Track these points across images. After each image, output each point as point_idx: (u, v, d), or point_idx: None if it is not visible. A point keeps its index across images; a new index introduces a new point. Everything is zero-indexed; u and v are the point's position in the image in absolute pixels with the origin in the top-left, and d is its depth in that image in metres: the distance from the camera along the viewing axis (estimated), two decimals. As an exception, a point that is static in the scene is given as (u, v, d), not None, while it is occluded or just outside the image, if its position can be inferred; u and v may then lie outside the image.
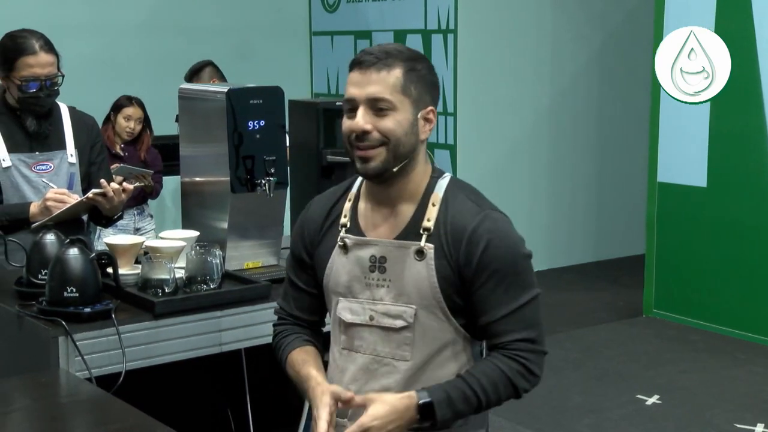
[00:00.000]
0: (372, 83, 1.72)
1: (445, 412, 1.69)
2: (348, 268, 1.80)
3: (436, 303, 1.74)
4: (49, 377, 2.10)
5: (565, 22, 6.69)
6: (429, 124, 1.77)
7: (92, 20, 6.17)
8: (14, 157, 2.86)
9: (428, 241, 1.74)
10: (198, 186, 2.78)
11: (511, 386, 1.74)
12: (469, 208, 1.75)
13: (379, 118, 1.72)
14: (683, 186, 5.35)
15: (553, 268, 6.83)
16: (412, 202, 1.78)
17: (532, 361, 1.76)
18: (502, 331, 1.74)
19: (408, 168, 1.76)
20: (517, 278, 1.73)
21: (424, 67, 1.76)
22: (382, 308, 1.77)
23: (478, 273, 1.72)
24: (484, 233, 1.72)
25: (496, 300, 1.72)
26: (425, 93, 1.76)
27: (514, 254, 1.74)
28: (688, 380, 4.54)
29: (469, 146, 6.35)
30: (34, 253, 2.45)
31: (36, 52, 2.78)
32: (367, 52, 1.75)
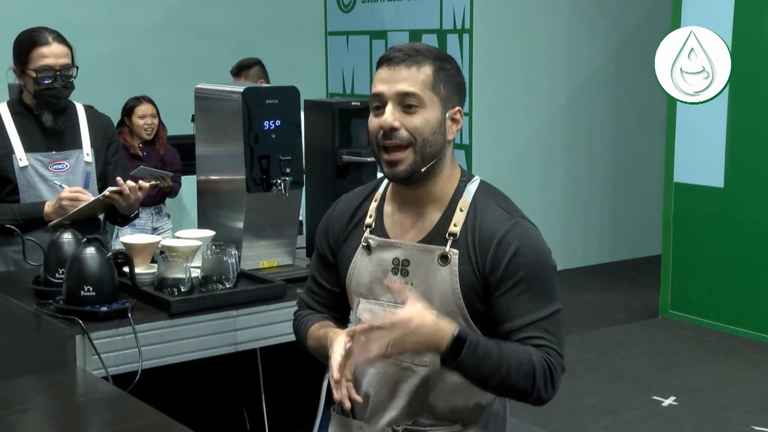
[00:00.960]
0: (402, 80, 1.69)
1: (469, 355, 1.61)
2: (370, 269, 1.78)
3: (458, 309, 1.71)
4: (66, 375, 2.11)
5: (581, 22, 6.66)
6: (456, 124, 1.74)
7: (108, 21, 6.20)
8: (31, 157, 2.87)
9: (453, 246, 1.71)
10: (214, 185, 2.79)
11: (532, 379, 1.66)
12: (499, 215, 1.72)
13: (407, 115, 1.69)
14: (700, 186, 5.32)
15: (568, 269, 6.81)
16: (438, 206, 1.75)
17: (557, 373, 1.71)
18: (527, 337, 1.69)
19: (435, 170, 1.73)
20: (542, 288, 1.70)
21: (452, 68, 1.74)
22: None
23: (504, 279, 1.68)
24: (513, 240, 1.69)
25: (520, 308, 1.68)
26: (453, 93, 1.73)
27: (542, 263, 1.70)
28: (704, 382, 4.51)
29: (485, 146, 6.34)
30: (52, 252, 2.47)
31: (49, 42, 2.80)
32: (396, 49, 1.73)
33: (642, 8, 6.81)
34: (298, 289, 2.55)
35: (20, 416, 1.87)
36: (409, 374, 1.75)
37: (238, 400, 2.90)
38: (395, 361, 1.76)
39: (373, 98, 1.73)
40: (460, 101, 1.76)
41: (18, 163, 2.86)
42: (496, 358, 1.64)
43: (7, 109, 2.92)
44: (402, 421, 1.76)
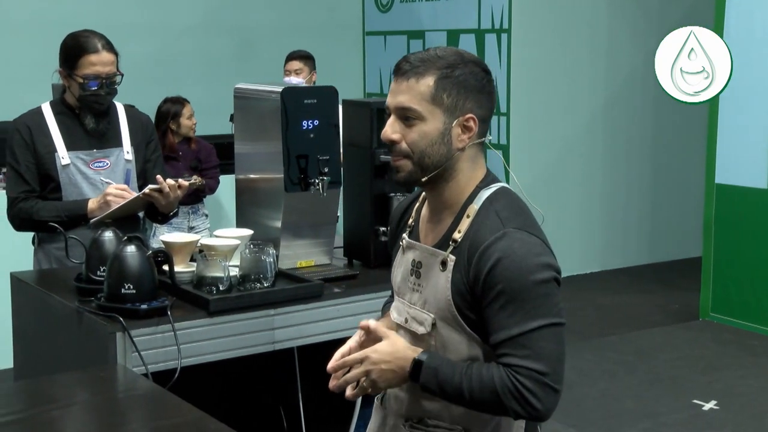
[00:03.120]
0: (401, 92, 1.70)
1: (429, 378, 1.67)
2: (402, 268, 1.83)
3: (451, 316, 1.71)
4: (107, 372, 2.14)
5: (621, 22, 6.60)
6: (468, 132, 1.71)
7: (148, 21, 6.27)
8: (73, 155, 2.92)
9: (453, 252, 1.71)
10: (252, 184, 2.81)
11: (498, 401, 1.64)
12: (492, 224, 1.68)
13: (407, 128, 1.71)
14: (742, 187, 5.24)
15: (606, 270, 6.74)
16: (452, 212, 1.75)
17: (531, 391, 1.63)
18: (503, 354, 1.66)
19: (446, 177, 1.73)
20: (524, 304, 1.64)
21: (464, 72, 1.69)
22: (413, 312, 1.78)
23: (485, 292, 1.66)
24: (495, 251, 1.64)
25: (501, 323, 1.65)
26: (464, 99, 1.69)
27: (523, 278, 1.63)
28: (746, 386, 4.44)
29: (523, 146, 6.30)
30: (93, 250, 2.50)
31: (98, 50, 2.85)
32: (405, 59, 1.73)
33: (683, 7, 6.72)
34: (335, 289, 2.56)
35: (63, 411, 1.90)
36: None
37: (275, 399, 2.91)
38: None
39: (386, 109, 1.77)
40: (477, 106, 1.71)
41: (60, 162, 2.90)
42: (458, 381, 1.66)
43: (50, 109, 2.97)
44: (412, 416, 1.79)
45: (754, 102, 5.17)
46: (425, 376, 1.67)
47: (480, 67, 1.72)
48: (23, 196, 2.90)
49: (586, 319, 5.60)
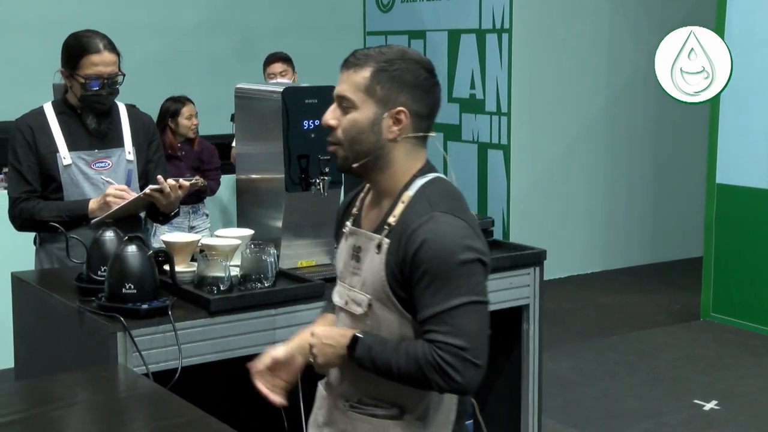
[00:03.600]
0: (342, 82, 1.83)
1: (363, 353, 1.79)
2: (343, 255, 1.94)
3: (386, 296, 1.81)
4: (108, 372, 2.14)
5: (622, 21, 6.60)
6: (398, 124, 1.80)
7: (151, 21, 6.27)
8: (74, 155, 2.92)
9: (387, 236, 1.81)
10: (253, 184, 2.81)
11: (422, 374, 1.75)
12: (421, 208, 1.78)
13: (343, 116, 1.82)
14: (743, 188, 5.24)
15: (608, 270, 6.74)
16: (389, 199, 1.85)
17: (452, 365, 1.73)
18: (427, 331, 1.76)
19: (380, 165, 1.82)
20: (447, 283, 1.73)
21: (401, 68, 1.79)
22: (352, 294, 1.88)
23: (411, 272, 1.76)
24: (422, 233, 1.75)
25: (425, 301, 1.75)
26: (397, 93, 1.79)
27: (447, 258, 1.73)
28: (747, 386, 4.44)
29: (524, 147, 6.30)
30: (94, 250, 2.50)
31: (100, 50, 2.85)
32: (353, 53, 1.86)
33: (685, 8, 6.71)
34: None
35: (64, 411, 1.90)
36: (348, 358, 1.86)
37: (276, 399, 2.91)
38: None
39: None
40: (412, 101, 1.79)
41: (62, 162, 2.90)
42: (387, 356, 1.77)
43: (52, 109, 2.97)
44: (351, 397, 1.90)
45: (754, 102, 5.17)
46: (360, 351, 1.79)
47: (421, 66, 1.82)
48: (25, 196, 2.90)
49: (587, 318, 5.60)
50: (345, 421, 1.89)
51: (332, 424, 1.94)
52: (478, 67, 6.37)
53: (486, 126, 6.38)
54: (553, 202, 6.49)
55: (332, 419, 1.94)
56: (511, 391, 3.07)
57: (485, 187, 6.43)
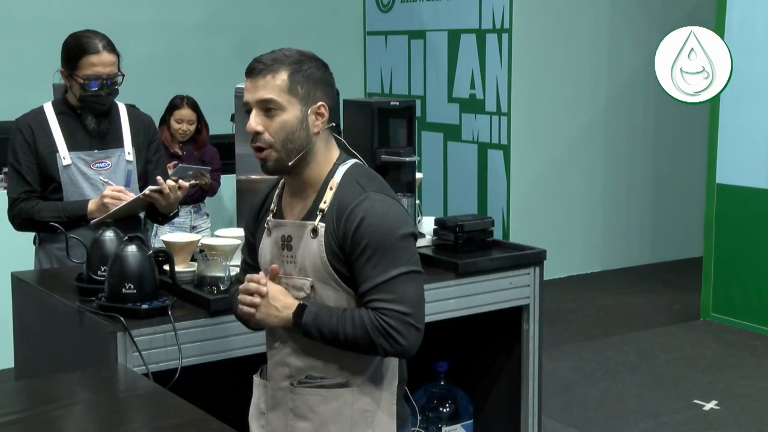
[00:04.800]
0: (260, 88, 1.91)
1: (309, 321, 1.91)
2: (270, 247, 2.02)
3: (328, 275, 1.93)
4: (108, 372, 2.14)
5: (622, 21, 6.60)
6: (321, 117, 1.94)
7: (153, 21, 6.27)
8: (74, 156, 2.92)
9: (322, 220, 1.94)
10: (253, 184, 2.81)
11: (369, 339, 1.88)
12: (354, 190, 1.92)
13: (269, 119, 1.92)
14: (743, 187, 5.24)
15: (608, 270, 6.74)
16: (314, 188, 1.97)
17: (396, 329, 1.88)
18: (371, 300, 1.90)
19: (307, 159, 1.95)
20: (387, 254, 1.88)
21: (310, 67, 1.93)
22: (290, 281, 1.98)
23: (352, 247, 1.89)
24: (360, 211, 1.89)
25: (367, 273, 1.89)
26: (314, 90, 1.93)
27: (386, 232, 1.88)
28: (748, 386, 4.44)
29: (523, 147, 6.30)
30: (94, 250, 2.50)
31: (99, 51, 2.85)
32: (257, 60, 1.94)
33: (685, 8, 6.72)
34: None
35: (64, 411, 1.90)
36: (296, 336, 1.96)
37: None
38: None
39: (243, 105, 1.96)
40: (324, 95, 1.95)
41: (61, 162, 2.90)
42: (334, 323, 1.90)
43: (52, 109, 2.97)
44: (297, 376, 1.99)
45: (754, 102, 5.17)
46: (306, 318, 1.90)
47: (323, 63, 1.98)
48: (24, 196, 2.90)
49: (588, 318, 5.60)
50: (292, 399, 1.98)
51: (277, 406, 2.01)
52: (478, 67, 6.37)
53: (486, 126, 6.38)
54: (553, 202, 6.49)
55: (276, 402, 2.02)
56: (511, 391, 3.07)
57: (485, 187, 6.43)
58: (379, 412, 1.98)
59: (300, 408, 1.97)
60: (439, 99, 6.66)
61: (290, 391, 1.99)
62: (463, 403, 3.20)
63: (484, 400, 3.21)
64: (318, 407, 1.96)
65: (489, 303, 2.87)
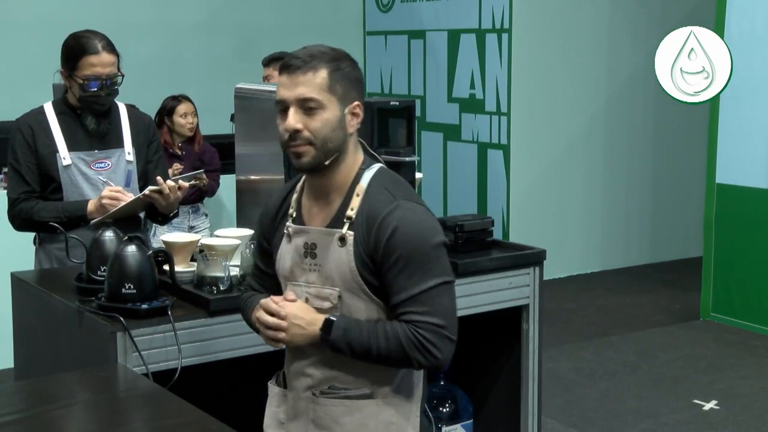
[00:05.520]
0: (300, 85, 1.85)
1: (338, 336, 1.85)
2: (290, 254, 1.96)
3: (357, 285, 1.87)
4: (108, 372, 2.14)
5: (622, 21, 6.60)
6: (356, 118, 1.90)
7: (153, 21, 6.27)
8: (74, 156, 2.92)
9: (350, 228, 1.87)
10: (253, 185, 2.81)
11: (404, 352, 1.83)
12: (384, 198, 1.87)
13: (308, 117, 1.85)
14: (743, 187, 5.24)
15: (607, 270, 6.74)
16: (340, 193, 1.91)
17: (432, 342, 1.83)
18: (404, 312, 1.85)
19: (338, 160, 1.89)
20: (421, 265, 1.83)
21: (347, 66, 1.89)
22: (313, 291, 1.92)
23: (385, 258, 1.84)
24: (393, 221, 1.83)
25: (400, 284, 1.84)
26: (351, 89, 1.89)
27: (420, 242, 1.83)
28: (748, 386, 4.44)
29: (523, 146, 6.30)
30: (94, 250, 2.50)
31: (98, 51, 2.85)
32: (293, 56, 1.88)
33: (685, 8, 6.72)
34: (336, 289, 2.55)
35: (63, 411, 1.90)
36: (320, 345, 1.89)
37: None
38: None
39: (277, 104, 1.90)
40: (359, 95, 1.91)
41: (61, 162, 2.90)
42: (365, 338, 1.84)
43: (52, 109, 2.97)
44: (319, 386, 1.93)
45: (754, 102, 5.17)
46: (335, 334, 1.84)
47: (355, 61, 1.94)
48: (24, 196, 2.90)
49: (587, 319, 5.60)
50: (314, 410, 1.93)
51: (298, 417, 1.96)
52: (478, 67, 6.37)
53: (486, 126, 6.38)
54: (553, 202, 6.49)
55: (297, 412, 1.96)
56: (511, 391, 3.07)
57: (485, 187, 6.43)
58: (404, 424, 1.93)
59: (323, 419, 1.92)
60: (439, 99, 6.66)
61: (312, 402, 1.93)
62: (463, 403, 3.20)
63: (484, 400, 3.21)
64: (342, 418, 1.90)
65: (489, 303, 2.87)
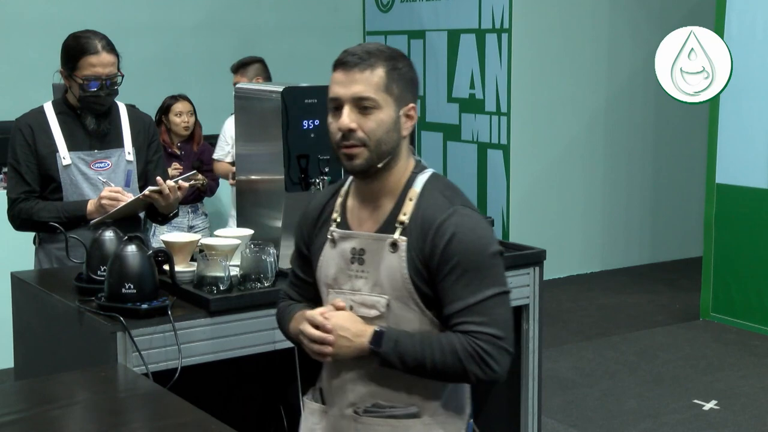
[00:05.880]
0: (356, 82, 1.77)
1: (389, 348, 1.75)
2: (335, 260, 1.87)
3: (408, 294, 1.79)
4: (108, 372, 2.14)
5: (622, 21, 6.60)
6: (410, 120, 1.83)
7: (152, 21, 6.27)
8: (74, 155, 2.92)
9: (402, 234, 1.80)
10: (253, 184, 2.81)
11: (461, 365, 1.74)
12: (440, 203, 1.80)
13: (363, 117, 1.78)
14: (743, 187, 5.24)
15: (607, 270, 6.74)
16: (392, 197, 1.84)
17: (490, 354, 1.75)
18: (460, 323, 1.76)
19: (391, 164, 1.82)
20: (479, 274, 1.76)
21: (404, 66, 1.82)
22: (359, 298, 1.83)
23: (441, 265, 1.76)
24: (450, 227, 1.76)
25: (456, 293, 1.76)
26: (406, 91, 1.82)
27: (478, 250, 1.76)
28: (748, 386, 4.44)
29: (523, 146, 6.30)
30: (94, 250, 2.50)
31: (98, 51, 2.85)
32: (349, 52, 1.80)
33: (685, 7, 6.72)
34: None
35: (63, 411, 1.90)
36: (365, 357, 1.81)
37: (275, 398, 2.91)
38: None
39: (331, 101, 1.81)
40: (414, 97, 1.84)
41: (61, 162, 2.90)
42: (419, 350, 1.74)
43: (52, 109, 2.97)
44: (362, 403, 1.84)
45: (754, 102, 5.17)
46: (386, 346, 1.75)
47: (411, 62, 1.86)
48: (23, 196, 2.90)
49: (587, 318, 5.60)
50: (356, 429, 1.84)
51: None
52: (478, 67, 6.37)
53: (485, 126, 6.38)
54: (553, 202, 6.49)
55: (338, 430, 1.88)
56: (511, 391, 3.07)
57: (485, 187, 6.43)
58: None
59: None
60: (439, 99, 6.66)
61: (354, 420, 1.84)
62: (463, 403, 3.21)
63: (484, 400, 3.21)
64: None
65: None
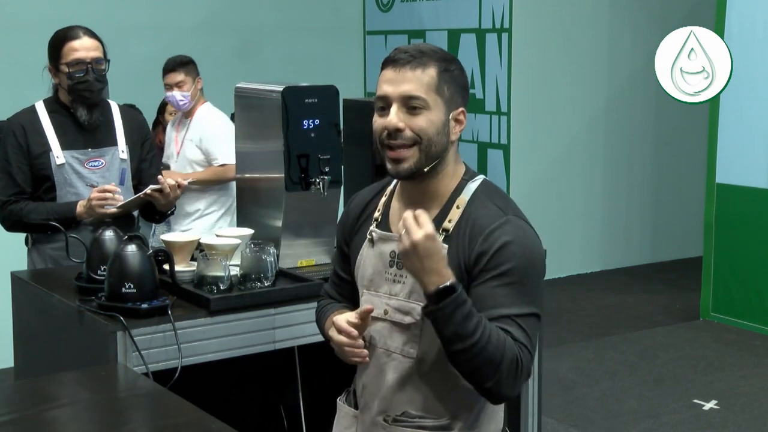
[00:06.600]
0: (406, 81, 1.72)
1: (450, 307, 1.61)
2: (373, 261, 1.83)
3: None
4: (108, 371, 2.14)
5: (622, 21, 6.60)
6: (459, 125, 1.77)
7: (152, 21, 6.27)
8: (68, 155, 2.91)
9: (444, 241, 1.73)
10: (253, 184, 2.81)
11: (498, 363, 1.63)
12: (493, 212, 1.74)
13: (412, 116, 1.72)
14: (743, 187, 5.24)
15: (607, 270, 6.75)
16: (438, 203, 1.78)
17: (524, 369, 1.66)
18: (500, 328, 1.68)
19: (438, 169, 1.76)
20: (524, 287, 1.69)
21: (456, 69, 1.77)
22: (395, 303, 1.78)
23: (486, 270, 1.68)
24: (503, 234, 1.69)
25: (498, 299, 1.68)
26: (457, 94, 1.76)
27: (530, 263, 1.70)
28: (748, 386, 4.44)
29: (523, 146, 6.30)
30: (94, 249, 2.50)
31: (79, 36, 2.88)
32: (401, 50, 1.76)
33: (685, 7, 6.72)
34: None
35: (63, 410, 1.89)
36: (397, 365, 1.78)
37: (276, 398, 2.91)
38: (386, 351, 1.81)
39: (378, 99, 1.76)
40: (464, 102, 1.78)
41: (55, 161, 2.90)
42: (475, 325, 1.62)
43: (44, 108, 2.97)
44: (391, 411, 1.80)
45: (754, 102, 5.17)
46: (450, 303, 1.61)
47: (462, 66, 1.80)
48: (14, 198, 2.90)
49: (587, 318, 5.60)
50: None
51: None
52: (478, 66, 6.37)
53: (486, 125, 6.38)
54: (553, 202, 6.49)
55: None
56: (511, 391, 3.06)
57: (485, 187, 6.43)
58: None
59: None
60: (439, 99, 6.66)
61: (384, 429, 1.80)
62: (463, 403, 3.20)
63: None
64: None
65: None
